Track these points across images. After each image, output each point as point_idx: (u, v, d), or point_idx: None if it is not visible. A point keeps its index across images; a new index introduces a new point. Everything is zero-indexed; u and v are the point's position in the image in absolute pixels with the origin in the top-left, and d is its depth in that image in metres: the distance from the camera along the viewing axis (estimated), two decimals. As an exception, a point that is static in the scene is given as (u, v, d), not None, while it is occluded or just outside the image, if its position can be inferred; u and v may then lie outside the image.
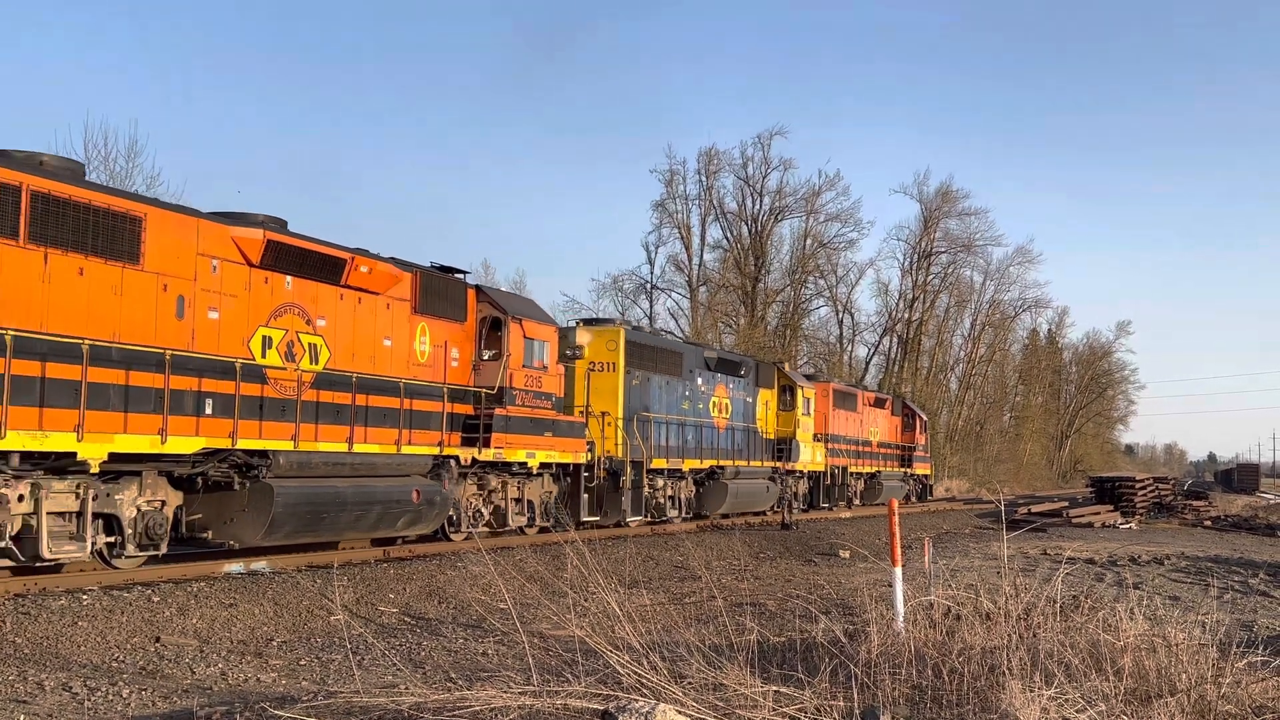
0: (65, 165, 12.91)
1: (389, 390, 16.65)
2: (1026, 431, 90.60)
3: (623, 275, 62.35)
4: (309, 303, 15.49)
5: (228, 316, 14.20)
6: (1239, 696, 7.39)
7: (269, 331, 14.82)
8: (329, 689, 8.69)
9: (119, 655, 10.12)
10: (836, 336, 71.36)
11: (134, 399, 12.72)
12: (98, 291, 12.51)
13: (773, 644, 9.55)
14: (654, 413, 25.09)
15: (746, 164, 64.98)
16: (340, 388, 15.85)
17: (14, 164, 11.97)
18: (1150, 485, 42.12)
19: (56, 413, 11.83)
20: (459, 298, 18.69)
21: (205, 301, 13.88)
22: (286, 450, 14.71)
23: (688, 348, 28.63)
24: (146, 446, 12.87)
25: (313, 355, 15.49)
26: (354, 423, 15.99)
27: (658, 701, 6.51)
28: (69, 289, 12.21)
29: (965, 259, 77.21)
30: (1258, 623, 12.85)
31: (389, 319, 17.01)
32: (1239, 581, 18.19)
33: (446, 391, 17.83)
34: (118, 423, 12.52)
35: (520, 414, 19.39)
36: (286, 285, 15.14)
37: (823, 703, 6.87)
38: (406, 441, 16.90)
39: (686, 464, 26.48)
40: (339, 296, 16.03)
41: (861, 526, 29.95)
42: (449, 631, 12.37)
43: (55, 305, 12.04)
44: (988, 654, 7.77)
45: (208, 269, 13.91)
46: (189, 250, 13.70)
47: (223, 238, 14.19)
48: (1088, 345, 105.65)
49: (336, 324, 15.96)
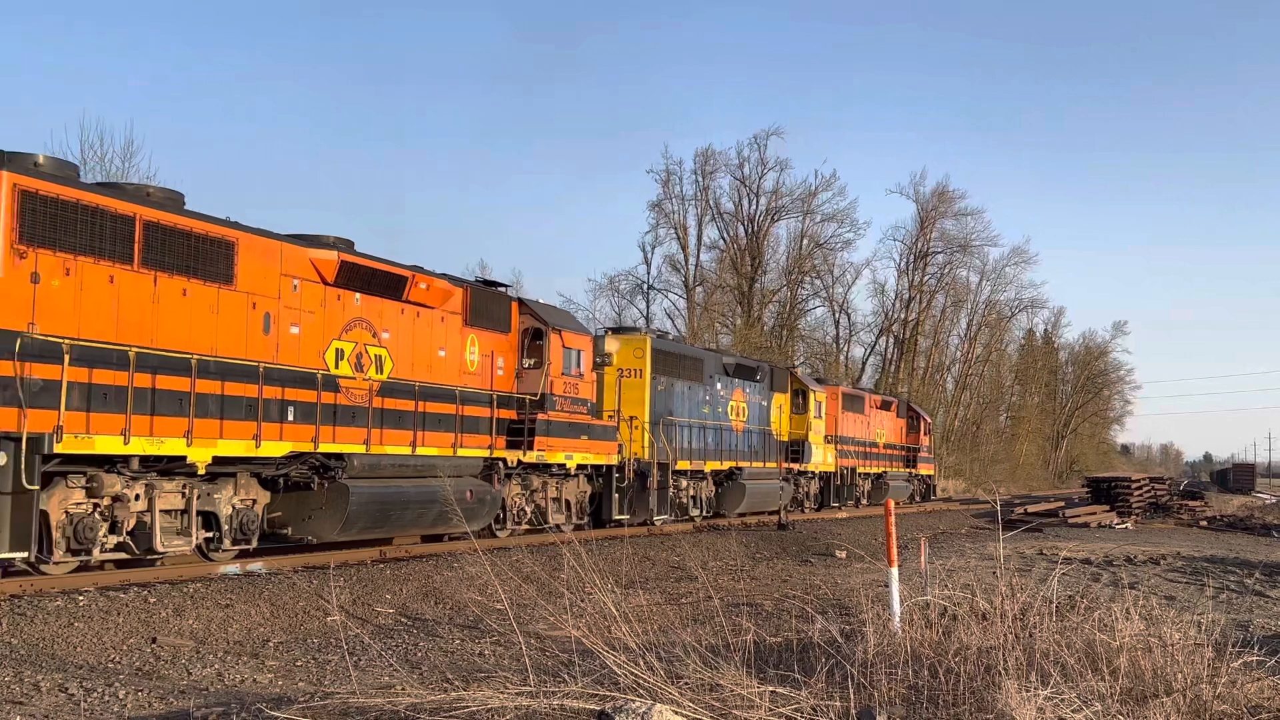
0: (168, 195, 14.18)
1: (445, 397, 18.07)
2: (1023, 432, 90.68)
3: (619, 276, 62.46)
4: (375, 317, 16.87)
5: (306, 331, 15.58)
6: (1235, 696, 7.40)
7: (341, 344, 16.24)
8: (325, 690, 8.68)
9: (115, 656, 10.11)
10: (833, 337, 71.48)
11: (229, 407, 14.13)
12: (198, 310, 13.91)
13: (769, 644, 9.55)
14: (677, 417, 26.44)
15: (743, 164, 65.09)
16: (403, 395, 17.23)
17: (126, 195, 13.37)
18: (1146, 485, 42.15)
19: (166, 420, 13.24)
20: (504, 311, 20.16)
21: (287, 318, 15.27)
22: (359, 453, 16.17)
23: (707, 354, 30.09)
24: (243, 450, 14.27)
25: (378, 366, 16.92)
26: (416, 427, 17.40)
27: (654, 702, 6.52)
28: (175, 308, 13.58)
29: (961, 259, 77.40)
30: (1253, 622, 12.86)
31: (443, 331, 18.41)
32: (1235, 581, 18.20)
33: (495, 398, 19.35)
34: (216, 429, 13.93)
35: (560, 419, 20.88)
36: (356, 301, 16.53)
37: (819, 703, 6.87)
38: (460, 445, 18.34)
39: (708, 465, 27.85)
40: (400, 311, 17.38)
41: (858, 527, 29.95)
42: (445, 632, 12.36)
43: (163, 323, 13.42)
44: (984, 654, 7.77)
45: (289, 288, 15.32)
46: (274, 271, 15.09)
47: (302, 259, 15.55)
48: (1084, 345, 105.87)
49: (398, 337, 17.36)
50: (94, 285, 12.66)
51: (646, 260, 63.00)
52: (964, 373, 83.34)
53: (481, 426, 18.93)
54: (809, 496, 36.01)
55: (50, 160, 12.70)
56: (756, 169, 64.92)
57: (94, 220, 12.65)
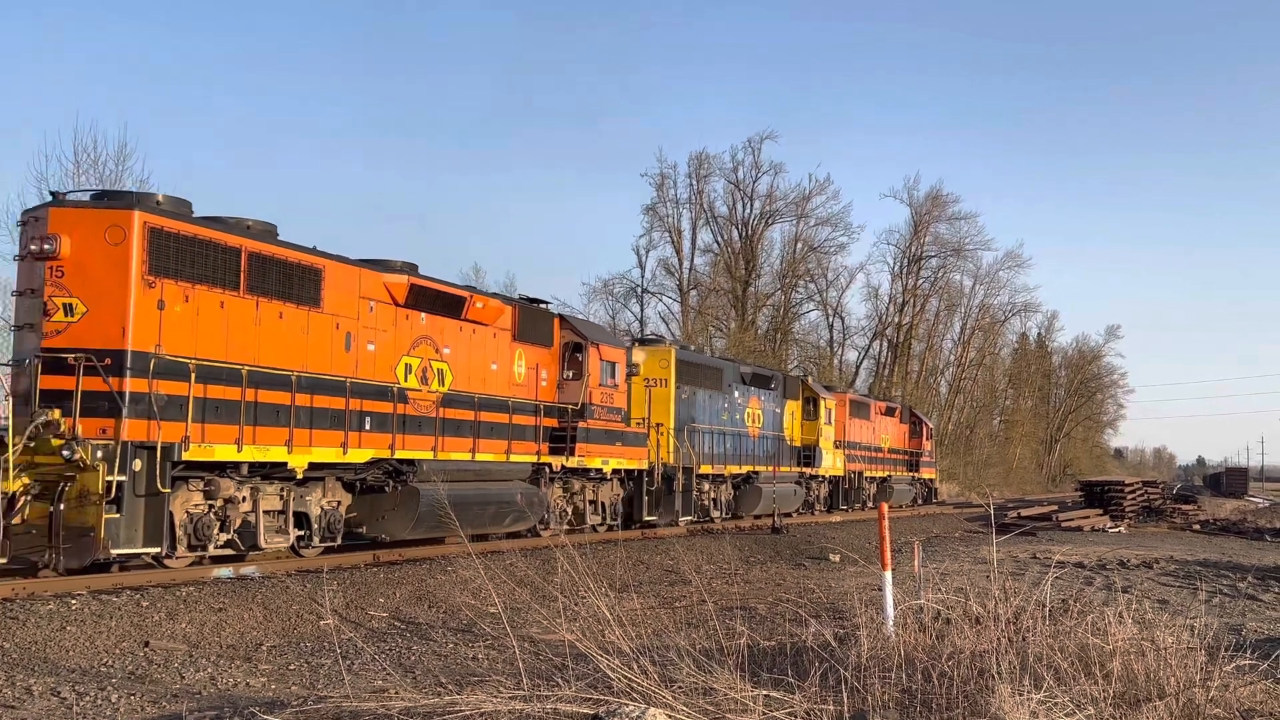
0: (265, 227, 15.58)
1: (499, 407, 19.73)
2: (1016, 435, 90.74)
3: (613, 279, 62.52)
4: (437, 334, 18.38)
5: (380, 348, 17.09)
6: (1227, 700, 7.41)
7: (409, 359, 17.71)
8: (318, 693, 8.67)
9: (108, 660, 10.08)
10: (827, 340, 71.56)
11: (317, 418, 15.64)
12: (292, 331, 15.43)
13: (763, 648, 9.54)
14: (699, 424, 27.86)
15: (737, 168, 65.19)
16: (462, 406, 18.76)
17: (229, 228, 14.79)
18: (1139, 489, 42.17)
19: (268, 430, 14.83)
20: (547, 326, 21.77)
21: (365, 336, 16.80)
22: (428, 459, 17.67)
23: (726, 364, 31.55)
24: (333, 457, 15.88)
25: (440, 379, 18.40)
26: (474, 435, 18.95)
27: (648, 706, 6.51)
28: (273, 330, 15.12)
29: (955, 263, 77.55)
30: (1246, 626, 12.88)
31: (495, 346, 19.97)
32: (1227, 585, 18.23)
33: (541, 408, 20.95)
34: (308, 438, 15.49)
35: (598, 426, 22.52)
36: (422, 320, 18.03)
37: (813, 706, 6.87)
38: (511, 451, 19.90)
39: (728, 469, 29.58)
40: (459, 328, 18.90)
41: (851, 530, 29.97)
42: (439, 636, 12.34)
43: (264, 343, 14.94)
44: (977, 658, 7.77)
45: (366, 309, 16.84)
46: (354, 294, 16.61)
47: (376, 283, 17.07)
48: (1077, 349, 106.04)
49: (457, 352, 18.86)
50: (208, 310, 14.23)
51: (640, 264, 63.10)
52: (958, 376, 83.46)
53: (529, 434, 20.57)
54: (819, 499, 37.50)
55: (169, 199, 14.15)
56: (750, 173, 65.07)
57: (207, 252, 14.24)
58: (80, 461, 12.54)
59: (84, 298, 13.23)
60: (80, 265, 13.25)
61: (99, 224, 13.34)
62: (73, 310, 13.18)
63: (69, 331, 13.13)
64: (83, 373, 12.86)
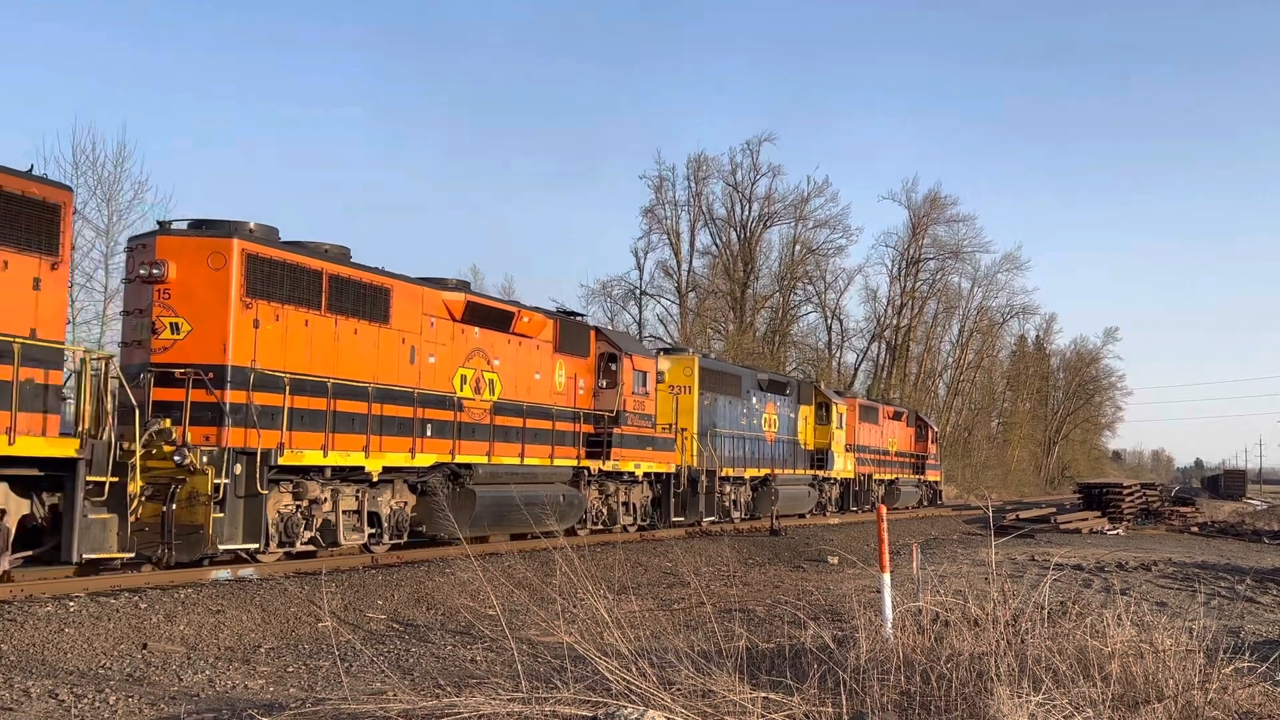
0: (340, 251, 16.97)
1: (543, 415, 21.17)
2: (1014, 437, 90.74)
3: (612, 281, 62.48)
4: (488, 347, 19.82)
5: (440, 360, 18.53)
6: (1226, 702, 7.42)
7: (465, 370, 19.15)
8: (316, 696, 8.66)
9: (106, 662, 10.07)
10: (825, 342, 71.58)
11: (387, 425, 16.97)
12: (365, 346, 16.87)
13: (761, 650, 9.55)
14: (720, 428, 29.15)
15: (735, 170, 65.20)
16: (511, 413, 20.22)
17: (310, 252, 16.14)
18: (1138, 491, 42.16)
19: (346, 437, 16.25)
20: (584, 338, 23.21)
21: (426, 350, 18.21)
22: (483, 463, 19.17)
23: (745, 371, 33.12)
24: (402, 461, 17.31)
25: (491, 388, 19.81)
26: (521, 441, 20.39)
27: (646, 708, 6.51)
28: (349, 345, 16.56)
29: (953, 265, 77.61)
30: (1244, 629, 12.88)
31: (539, 357, 21.40)
32: (1226, 587, 18.23)
33: (580, 415, 22.45)
34: (380, 444, 16.84)
35: (630, 432, 24.01)
36: (475, 334, 19.49)
37: (811, 709, 6.87)
38: (555, 456, 21.36)
39: (747, 472, 30.97)
40: (507, 341, 20.36)
41: (850, 533, 29.97)
42: (437, 638, 12.34)
43: (342, 357, 16.38)
44: (976, 660, 7.77)
45: (428, 325, 18.29)
46: (417, 311, 18.06)
47: (436, 300, 18.54)
48: (1075, 351, 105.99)
49: (506, 363, 20.29)
50: (295, 328, 15.58)
51: (639, 265, 63.06)
52: (956, 379, 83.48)
53: (569, 439, 22.00)
54: (831, 501, 38.90)
55: (260, 226, 15.39)
56: (749, 175, 65.09)
57: (294, 275, 15.59)
58: (190, 466, 13.70)
59: (189, 317, 14.60)
60: (185, 288, 14.57)
61: (202, 251, 14.68)
62: (179, 329, 14.58)
63: (175, 348, 14.52)
64: (191, 386, 14.28)
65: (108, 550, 12.72)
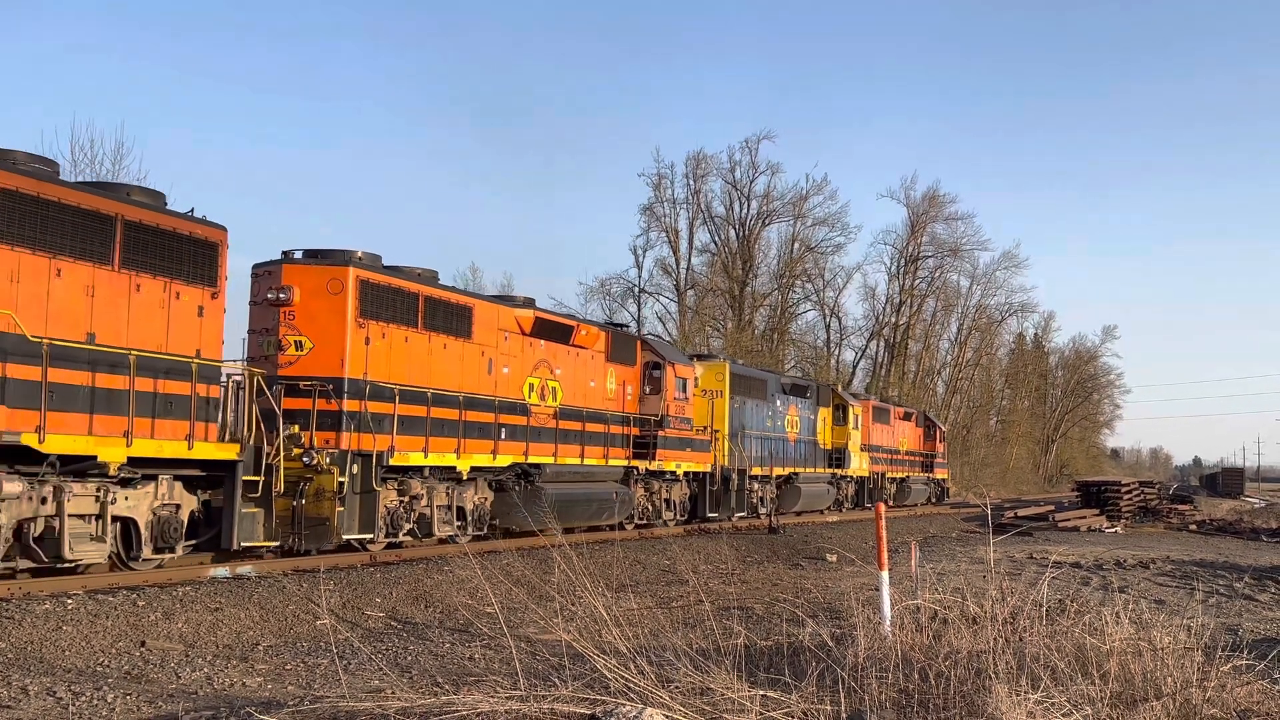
0: (431, 274, 19.02)
1: (599, 419, 23.33)
2: (1013, 435, 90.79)
3: (610, 279, 62.51)
4: (552, 358, 21.82)
5: (512, 370, 20.52)
6: (1224, 700, 7.42)
7: (532, 379, 21.07)
8: (315, 694, 8.66)
9: (104, 660, 10.07)
10: (823, 340, 71.61)
11: (470, 429, 18.97)
12: (452, 359, 18.85)
13: (760, 648, 9.54)
14: (749, 430, 31.15)
15: (734, 168, 65.18)
16: (571, 418, 22.24)
17: (407, 276, 18.15)
18: (1136, 489, 42.16)
19: (440, 440, 18.24)
20: (631, 348, 25.39)
21: (501, 361, 20.15)
22: (550, 463, 21.19)
23: (770, 375, 35.31)
24: (486, 461, 19.36)
25: (554, 395, 21.78)
26: (580, 443, 22.45)
27: (645, 706, 6.51)
28: (441, 358, 18.58)
29: (952, 263, 77.62)
30: (1243, 626, 12.88)
31: (593, 366, 23.48)
32: (1224, 585, 18.24)
33: (630, 419, 24.72)
34: (466, 446, 18.79)
35: (673, 435, 26.18)
36: (541, 346, 21.46)
37: (810, 707, 6.87)
38: (608, 456, 23.56)
39: (773, 471, 32.95)
40: (568, 352, 22.40)
41: (848, 530, 29.97)
42: (436, 636, 12.33)
43: (435, 370, 18.36)
44: (974, 658, 7.77)
45: (502, 339, 20.26)
46: (494, 327, 20.05)
47: (509, 317, 20.57)
48: (1073, 350, 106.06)
49: (566, 372, 22.29)
50: (397, 344, 17.55)
51: (638, 263, 63.06)
52: (954, 377, 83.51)
53: (619, 441, 24.12)
54: (847, 498, 40.71)
55: (366, 254, 17.30)
56: (748, 173, 65.06)
57: (397, 298, 17.62)
58: (317, 466, 15.71)
59: (311, 336, 16.56)
60: (307, 310, 16.56)
61: (322, 277, 16.66)
62: (302, 346, 16.57)
63: (299, 363, 16.49)
64: (317, 396, 16.25)
65: (257, 539, 14.84)
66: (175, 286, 13.65)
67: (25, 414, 11.72)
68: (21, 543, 12.22)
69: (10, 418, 11.57)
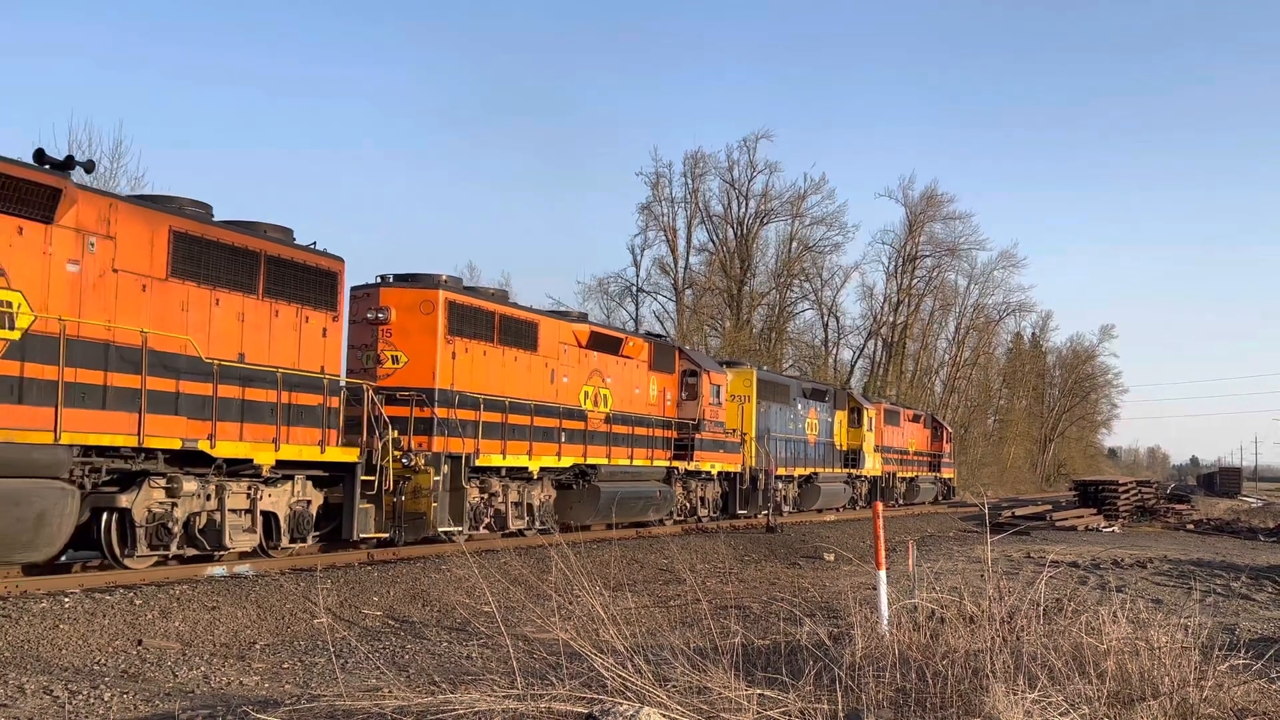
0: (501, 293, 22.03)
1: (645, 423, 25.59)
2: (1010, 435, 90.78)
3: (608, 278, 62.50)
4: (604, 367, 23.89)
5: (571, 380, 22.53)
6: (1221, 699, 7.42)
7: (587, 387, 23.15)
8: (312, 692, 8.65)
9: (101, 659, 10.05)
10: (821, 340, 71.55)
11: (537, 433, 20.97)
12: (522, 370, 20.85)
13: (757, 647, 9.54)
14: (774, 432, 33.29)
15: (732, 167, 65.14)
16: (621, 422, 24.41)
17: (482, 296, 20.38)
18: (1133, 489, 42.22)
19: (515, 444, 20.34)
20: (670, 357, 27.55)
21: (561, 371, 22.15)
22: (605, 464, 23.30)
23: (792, 380, 37.87)
24: (552, 462, 21.39)
25: (605, 402, 23.83)
26: (629, 445, 24.61)
27: (642, 705, 6.50)
28: (512, 370, 20.55)
29: (950, 263, 77.59)
30: (1240, 626, 12.90)
31: (638, 375, 25.62)
32: (1221, 585, 18.26)
33: (672, 423, 26.86)
34: (536, 448, 20.88)
35: (708, 437, 28.21)
36: (594, 358, 23.52)
37: (807, 705, 6.87)
38: (653, 458, 25.71)
39: (797, 471, 35.25)
40: (617, 362, 24.51)
41: (845, 530, 30.00)
42: (433, 634, 12.33)
43: (509, 380, 20.37)
44: (971, 657, 7.77)
45: (563, 351, 22.29)
46: (555, 341, 22.06)
47: (567, 331, 22.58)
48: (1071, 349, 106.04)
49: (615, 380, 24.36)
50: (477, 357, 19.50)
51: (636, 263, 63.03)
52: (952, 376, 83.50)
53: (660, 444, 26.29)
54: (861, 496, 42.37)
55: (451, 278, 19.41)
56: (746, 172, 65.02)
57: (478, 316, 19.61)
58: (415, 466, 17.46)
59: (406, 351, 18.50)
60: (402, 328, 18.48)
61: (415, 299, 18.62)
62: (398, 360, 18.49)
63: (395, 375, 18.41)
64: (414, 405, 18.17)
65: (370, 531, 16.70)
66: (305, 311, 15.75)
67: (199, 424, 13.85)
68: (186, 533, 14.14)
69: (189, 427, 13.67)
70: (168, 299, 13.57)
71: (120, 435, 12.74)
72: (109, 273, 12.82)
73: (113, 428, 12.67)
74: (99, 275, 12.70)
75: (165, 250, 13.53)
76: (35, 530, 11.62)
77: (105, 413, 12.60)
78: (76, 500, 12.19)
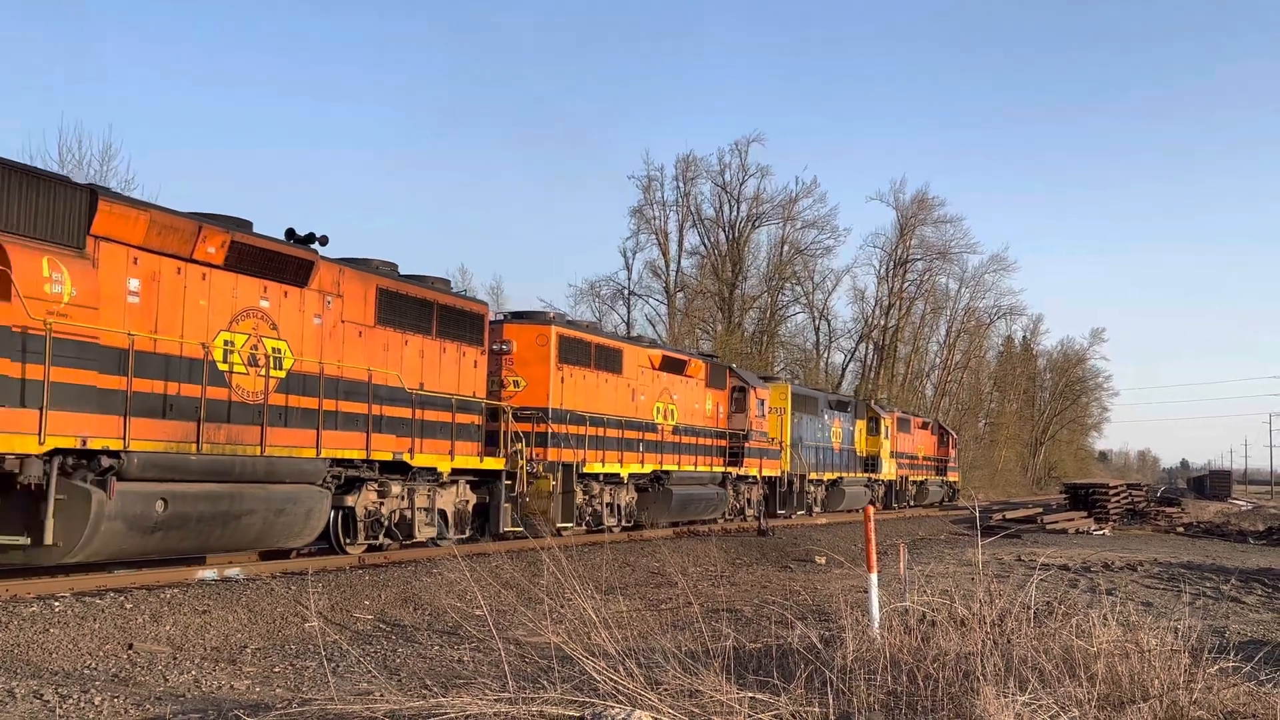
0: (591, 323, 27.31)
1: (703, 434, 28.99)
2: (1001, 438, 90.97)
3: (600, 281, 62.56)
4: (671, 386, 27.32)
5: (647, 398, 26.05)
6: (1211, 702, 7.44)
7: (659, 404, 26.59)
8: (303, 696, 8.64)
9: (91, 662, 10.02)
10: (813, 343, 71.70)
11: (623, 444, 24.58)
12: (610, 390, 24.33)
13: (749, 650, 9.55)
14: (805, 441, 36.90)
15: (724, 170, 65.28)
16: (685, 434, 27.83)
17: (582, 328, 24.04)
18: (1124, 492, 42.29)
19: (610, 453, 24.00)
20: (722, 375, 31.09)
21: (640, 390, 25.70)
22: (676, 470, 26.85)
23: (819, 393, 41.67)
24: (636, 469, 25.22)
25: (672, 416, 27.20)
26: (692, 454, 28.04)
27: (633, 708, 6.51)
28: (604, 390, 24.05)
29: (941, 266, 77.84)
30: (1230, 628, 12.93)
31: (696, 391, 28.94)
32: (1211, 588, 18.30)
33: (725, 434, 30.29)
34: (625, 457, 24.66)
35: (754, 446, 31.81)
36: (664, 378, 26.93)
37: (798, 709, 6.88)
38: (711, 464, 29.24)
39: (825, 475, 38.92)
40: (681, 381, 27.90)
41: (836, 533, 30.03)
42: (425, 638, 12.31)
43: (601, 399, 23.87)
44: (962, 660, 7.79)
45: (640, 373, 25.74)
46: (635, 364, 25.54)
47: (644, 355, 26.17)
48: (1062, 352, 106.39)
49: (680, 397, 27.66)
50: (578, 380, 23.01)
51: (627, 266, 63.09)
52: (943, 379, 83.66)
53: (715, 452, 29.66)
54: (879, 498, 45.50)
55: (558, 314, 24.60)
56: (737, 175, 65.15)
57: (578, 346, 23.08)
58: (537, 473, 21.05)
59: (525, 376, 21.94)
60: (522, 357, 21.93)
61: (533, 333, 22.17)
62: (519, 384, 21.91)
63: (517, 396, 21.66)
64: (534, 421, 21.40)
65: (509, 527, 20.13)
66: (463, 348, 19.30)
67: (403, 440, 17.53)
68: (384, 526, 17.43)
69: (397, 443, 17.37)
70: (374, 342, 17.08)
71: (355, 450, 16.42)
72: (340, 323, 16.31)
73: (351, 444, 16.34)
74: (333, 326, 16.20)
75: (374, 304, 17.03)
76: (304, 522, 15.19)
77: (345, 433, 16.21)
78: (329, 500, 15.80)
